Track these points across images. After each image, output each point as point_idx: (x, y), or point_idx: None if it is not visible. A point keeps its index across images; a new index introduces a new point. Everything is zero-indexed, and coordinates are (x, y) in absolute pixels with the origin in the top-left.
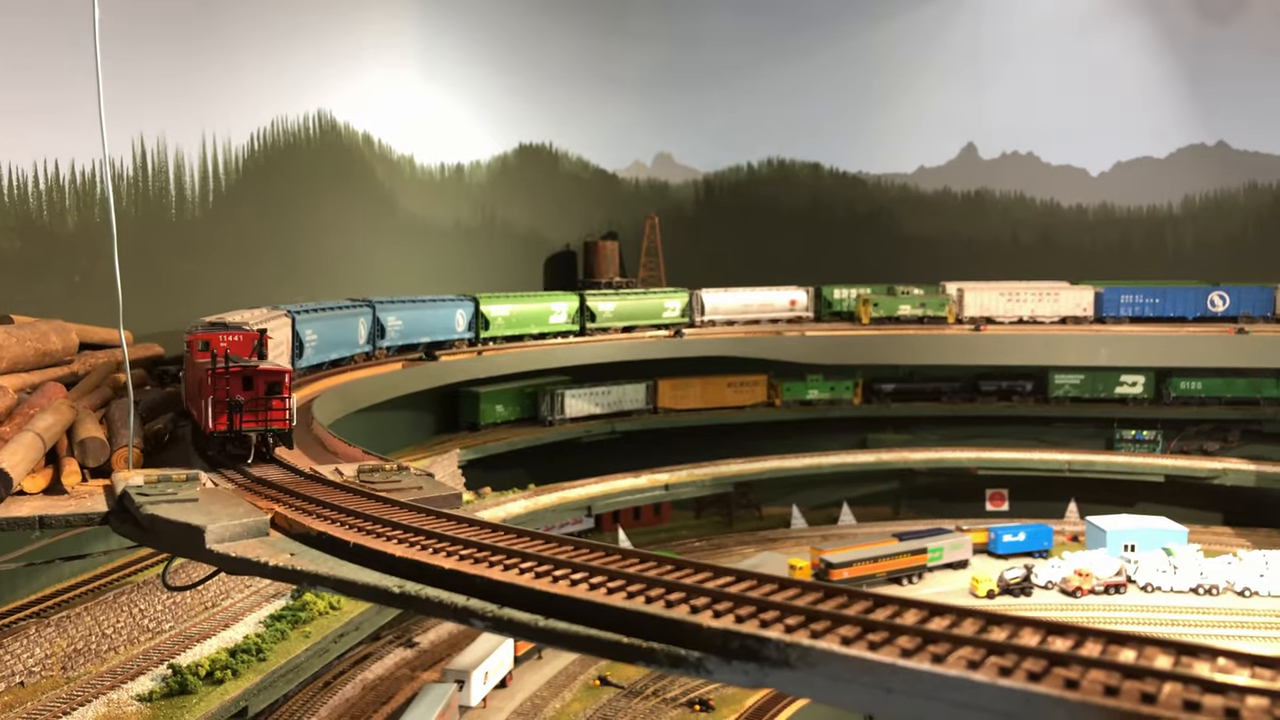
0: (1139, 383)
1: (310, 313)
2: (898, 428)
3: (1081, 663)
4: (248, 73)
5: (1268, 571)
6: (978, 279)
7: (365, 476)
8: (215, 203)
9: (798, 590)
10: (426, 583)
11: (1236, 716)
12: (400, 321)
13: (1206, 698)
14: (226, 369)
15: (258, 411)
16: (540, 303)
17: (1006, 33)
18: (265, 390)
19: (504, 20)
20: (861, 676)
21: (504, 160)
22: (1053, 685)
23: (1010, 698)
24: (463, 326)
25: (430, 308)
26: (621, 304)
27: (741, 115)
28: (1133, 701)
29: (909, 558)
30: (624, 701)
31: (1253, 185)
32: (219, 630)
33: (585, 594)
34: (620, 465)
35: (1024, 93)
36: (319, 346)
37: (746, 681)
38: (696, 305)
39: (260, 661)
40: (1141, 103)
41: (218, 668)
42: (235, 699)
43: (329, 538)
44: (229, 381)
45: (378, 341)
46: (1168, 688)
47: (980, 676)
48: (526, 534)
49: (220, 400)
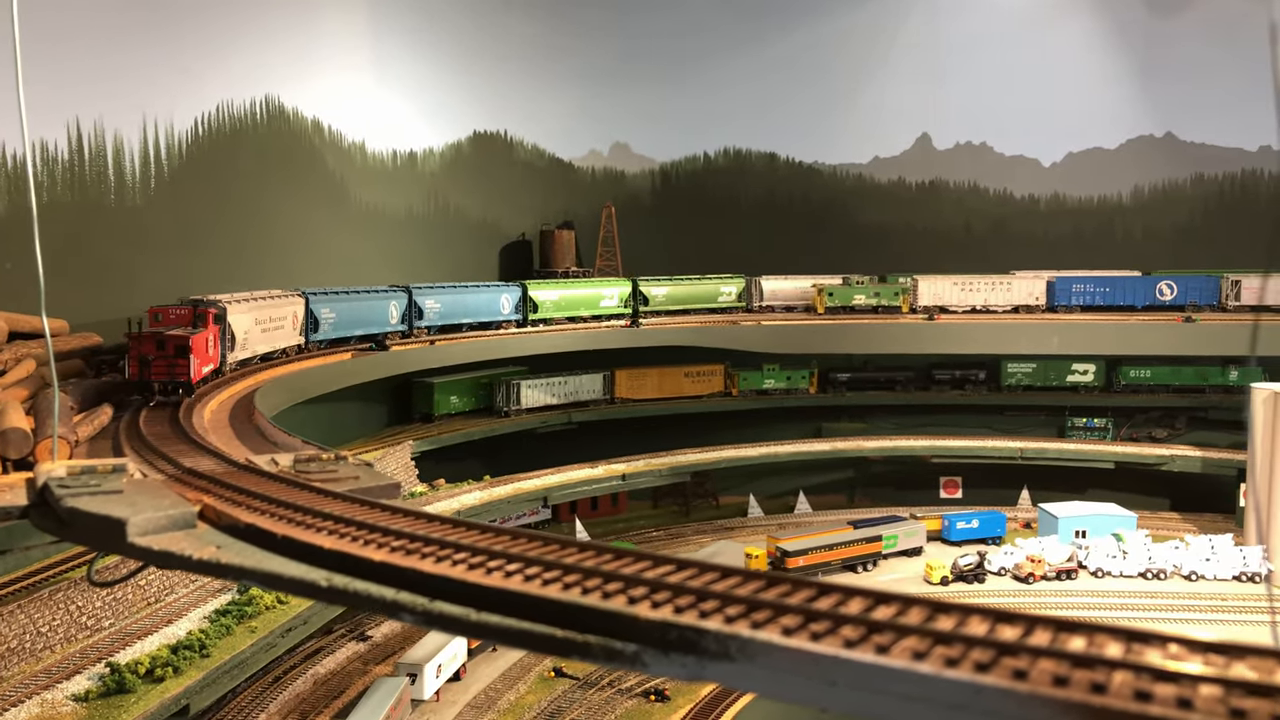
0: (1090, 371)
1: (325, 295)
2: (853, 417)
3: (1030, 652)
4: (191, 56)
5: (1213, 556)
6: (932, 269)
7: (301, 466)
8: (158, 189)
9: (740, 579)
10: (356, 576)
11: (1189, 705)
12: (439, 305)
13: (1158, 686)
14: (140, 333)
15: (166, 367)
16: (591, 288)
17: (961, 24)
18: (174, 351)
19: (457, 5)
20: (803, 669)
21: (458, 148)
22: (1001, 676)
23: (958, 689)
24: (509, 309)
25: (472, 292)
26: (675, 289)
27: (698, 105)
28: (1083, 691)
29: (864, 545)
30: (579, 693)
31: (1199, 176)
32: (161, 627)
33: (520, 586)
34: (577, 456)
35: (978, 84)
36: (337, 325)
37: (684, 674)
38: (755, 291)
39: (203, 658)
40: (1092, 94)
41: (158, 665)
42: (176, 697)
43: (258, 529)
44: (142, 343)
45: (414, 322)
46: (1118, 677)
47: (926, 668)
48: (462, 524)
49: (133, 357)
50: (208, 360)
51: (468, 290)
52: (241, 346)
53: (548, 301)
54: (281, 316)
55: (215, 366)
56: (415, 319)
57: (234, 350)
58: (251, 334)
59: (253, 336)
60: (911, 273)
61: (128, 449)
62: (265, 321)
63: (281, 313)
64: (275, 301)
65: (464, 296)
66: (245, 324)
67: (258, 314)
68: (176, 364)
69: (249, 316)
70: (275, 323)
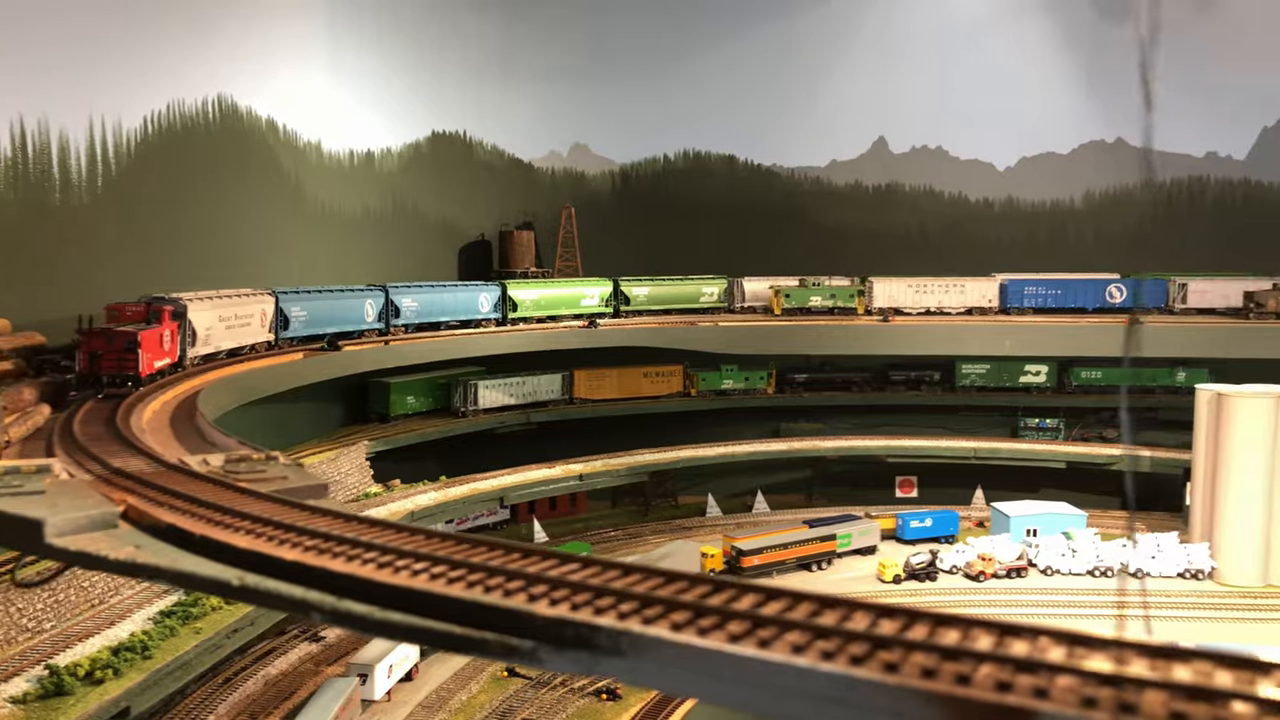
0: (1042, 372)
1: (297, 294)
2: (810, 417)
3: (905, 645)
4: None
5: (1159, 554)
6: (888, 271)
7: (230, 467)
8: (105, 188)
9: (639, 576)
10: (269, 575)
11: (1045, 695)
12: (416, 303)
13: (1020, 677)
14: (91, 329)
15: (115, 361)
16: (573, 288)
17: (916, 29)
18: (124, 345)
19: (414, 4)
20: (689, 663)
21: (416, 148)
22: (874, 669)
23: (834, 682)
24: (488, 308)
25: (450, 291)
26: (657, 289)
27: (658, 107)
28: (948, 683)
29: (819, 544)
30: (531, 692)
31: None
32: (104, 628)
33: (424, 584)
34: (536, 456)
35: (933, 88)
36: (309, 323)
37: (578, 669)
38: (739, 292)
39: (145, 660)
40: (1045, 100)
41: (98, 667)
42: (116, 699)
43: (177, 530)
44: (93, 339)
45: (391, 320)
46: (984, 669)
47: (803, 661)
48: (378, 524)
49: (85, 351)
50: (162, 355)
51: (445, 289)
52: (204, 342)
53: (528, 301)
54: (249, 314)
55: (173, 361)
56: (392, 317)
57: (195, 346)
58: (215, 330)
59: (216, 333)
60: (868, 275)
61: (59, 449)
62: (230, 319)
63: (248, 310)
64: (242, 299)
65: (441, 295)
66: (207, 321)
67: (221, 311)
68: (125, 358)
69: (212, 314)
70: (241, 320)
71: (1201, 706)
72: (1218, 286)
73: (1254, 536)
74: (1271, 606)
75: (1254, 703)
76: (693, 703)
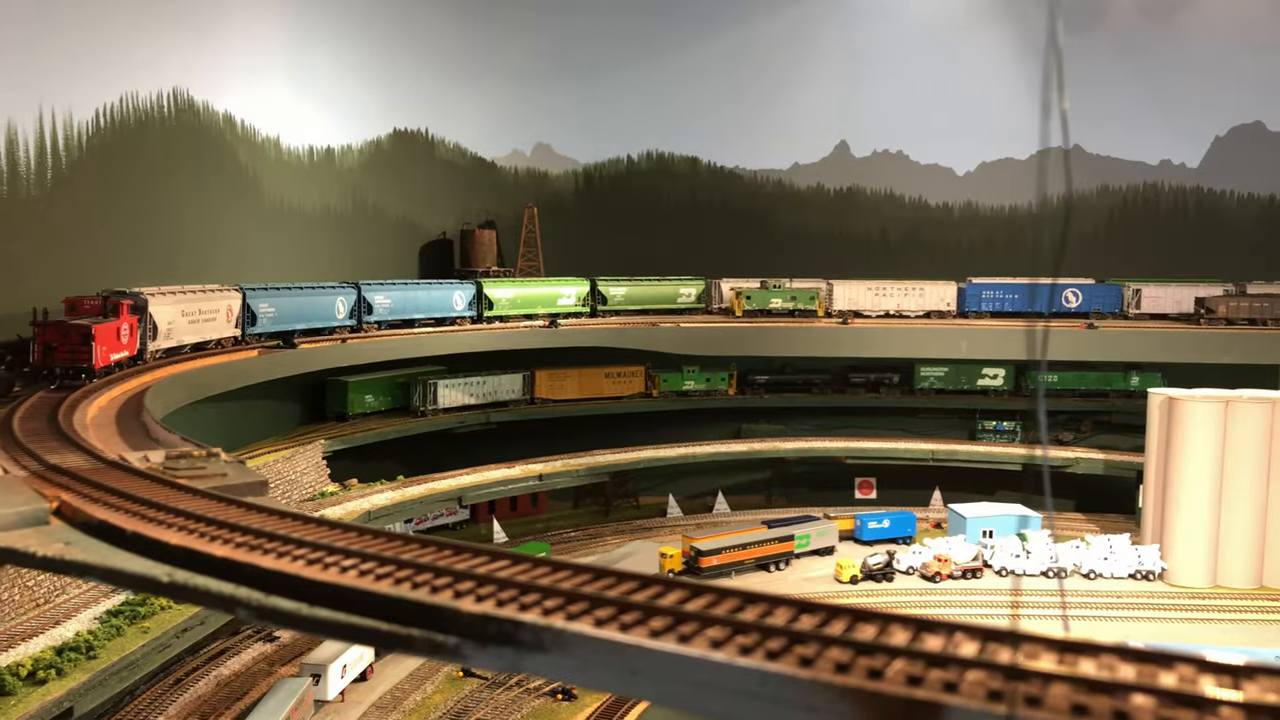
0: (999, 375)
1: (265, 290)
2: (771, 418)
3: (821, 640)
4: (93, 45)
5: (1111, 555)
6: (849, 274)
7: (170, 463)
8: (55, 181)
9: (567, 573)
10: (199, 571)
11: (955, 689)
12: (389, 300)
13: (931, 672)
14: (45, 321)
15: (69, 353)
16: (549, 287)
17: (879, 35)
18: (78, 338)
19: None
20: (610, 658)
21: (377, 145)
22: (789, 663)
23: (747, 677)
24: (463, 306)
25: (424, 289)
26: (634, 289)
27: (621, 108)
28: (860, 677)
29: (777, 545)
30: (486, 692)
31: (1105, 187)
32: (48, 628)
33: (351, 580)
34: (496, 456)
35: (895, 93)
36: (277, 319)
37: (502, 666)
38: (716, 293)
39: (90, 660)
40: (1004, 106)
41: (40, 667)
42: (58, 699)
43: (109, 526)
44: (47, 330)
45: (364, 317)
46: (897, 664)
47: (719, 656)
48: (312, 520)
49: (39, 342)
50: (118, 348)
51: (419, 287)
52: (165, 336)
53: (504, 299)
54: (214, 309)
55: (132, 354)
56: (365, 314)
57: (156, 340)
58: (177, 325)
59: (178, 327)
60: (828, 277)
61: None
62: (194, 314)
63: (213, 306)
64: (207, 295)
65: (415, 293)
66: (169, 315)
67: (184, 306)
68: (79, 351)
69: (174, 308)
70: (206, 315)
71: (1103, 699)
72: (1170, 292)
73: (1202, 538)
74: (1218, 607)
75: (1154, 695)
76: (646, 705)
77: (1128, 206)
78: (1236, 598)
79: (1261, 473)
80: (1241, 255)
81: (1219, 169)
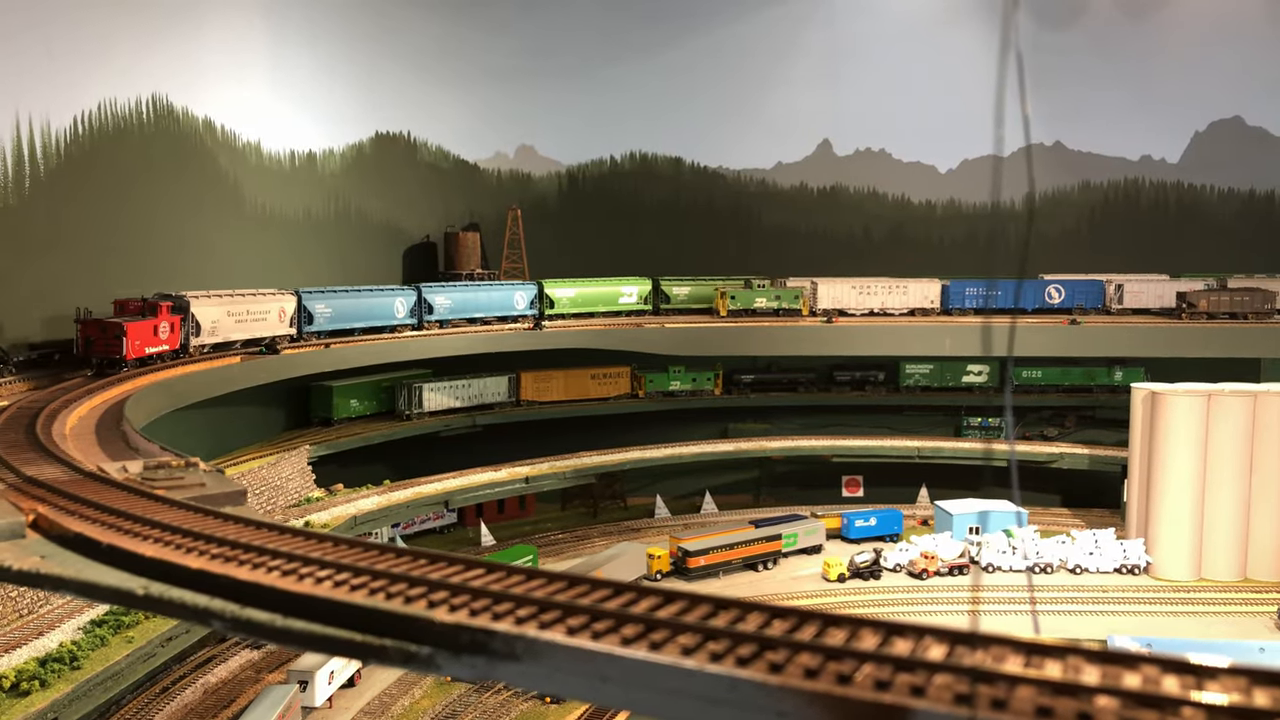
0: (984, 372)
1: (320, 293)
2: (757, 417)
3: (792, 646)
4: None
5: (1096, 550)
6: (833, 272)
7: (149, 474)
8: (32, 189)
9: (540, 581)
10: (174, 583)
11: (923, 693)
12: (449, 301)
13: (899, 676)
14: (88, 319)
15: (105, 345)
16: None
17: (860, 33)
18: (113, 334)
19: (355, 4)
20: (581, 667)
21: (359, 149)
22: (758, 670)
23: (717, 683)
24: (524, 305)
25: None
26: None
27: (604, 109)
28: (829, 682)
29: (764, 544)
30: (475, 697)
31: (1086, 184)
32: (31, 639)
33: (326, 591)
34: (482, 458)
35: (877, 92)
36: (333, 319)
37: (474, 675)
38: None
39: (74, 670)
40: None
41: (24, 678)
42: (41, 711)
43: (85, 538)
44: (89, 327)
45: (424, 316)
46: (866, 668)
47: (690, 663)
48: (289, 531)
49: (81, 337)
50: (155, 342)
51: (481, 288)
52: (210, 333)
53: (565, 298)
54: (264, 310)
55: (173, 348)
56: (425, 313)
57: (199, 336)
58: (222, 323)
59: (223, 325)
60: (812, 276)
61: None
62: (241, 314)
63: (263, 307)
64: (257, 298)
65: (476, 293)
66: (214, 315)
67: (231, 307)
68: (113, 344)
69: (219, 309)
70: (255, 315)
71: (1068, 701)
72: (1152, 287)
73: (1186, 532)
74: (1203, 600)
75: (1118, 696)
76: None
77: (1109, 202)
78: (1221, 590)
79: (1244, 466)
80: (1222, 250)
81: (1199, 164)
